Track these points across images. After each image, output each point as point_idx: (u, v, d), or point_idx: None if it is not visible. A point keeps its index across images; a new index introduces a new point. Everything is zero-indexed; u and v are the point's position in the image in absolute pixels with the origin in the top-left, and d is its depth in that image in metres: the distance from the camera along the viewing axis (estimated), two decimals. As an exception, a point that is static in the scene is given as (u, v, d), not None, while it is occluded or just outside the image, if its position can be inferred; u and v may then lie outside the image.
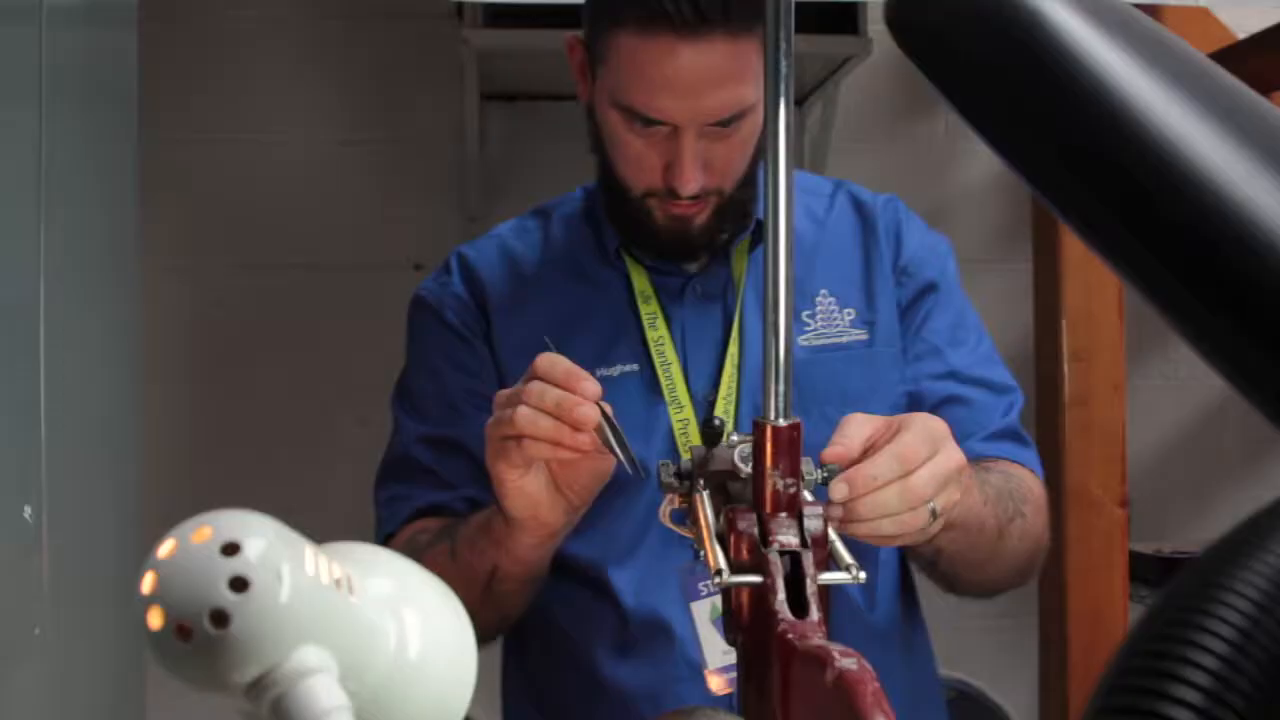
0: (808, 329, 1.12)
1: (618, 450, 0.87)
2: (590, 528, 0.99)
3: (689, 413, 1.09)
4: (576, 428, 0.86)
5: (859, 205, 1.21)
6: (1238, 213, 0.37)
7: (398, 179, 2.32)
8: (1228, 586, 0.29)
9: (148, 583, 0.38)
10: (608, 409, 0.87)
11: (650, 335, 1.11)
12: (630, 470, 0.87)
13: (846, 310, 1.15)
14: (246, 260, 2.30)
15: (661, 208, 1.09)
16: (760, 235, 1.15)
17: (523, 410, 0.87)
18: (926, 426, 0.86)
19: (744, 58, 1.02)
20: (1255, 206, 0.37)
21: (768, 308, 0.70)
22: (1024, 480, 1.12)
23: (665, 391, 1.10)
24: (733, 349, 1.11)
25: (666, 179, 1.06)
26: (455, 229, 2.30)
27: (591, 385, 0.87)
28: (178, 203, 2.27)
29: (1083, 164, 0.40)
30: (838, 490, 0.81)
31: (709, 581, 1.07)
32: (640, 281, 1.14)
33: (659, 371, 1.10)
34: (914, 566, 1.12)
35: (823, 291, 1.15)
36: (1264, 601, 0.29)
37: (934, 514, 0.85)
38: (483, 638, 0.50)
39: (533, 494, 0.91)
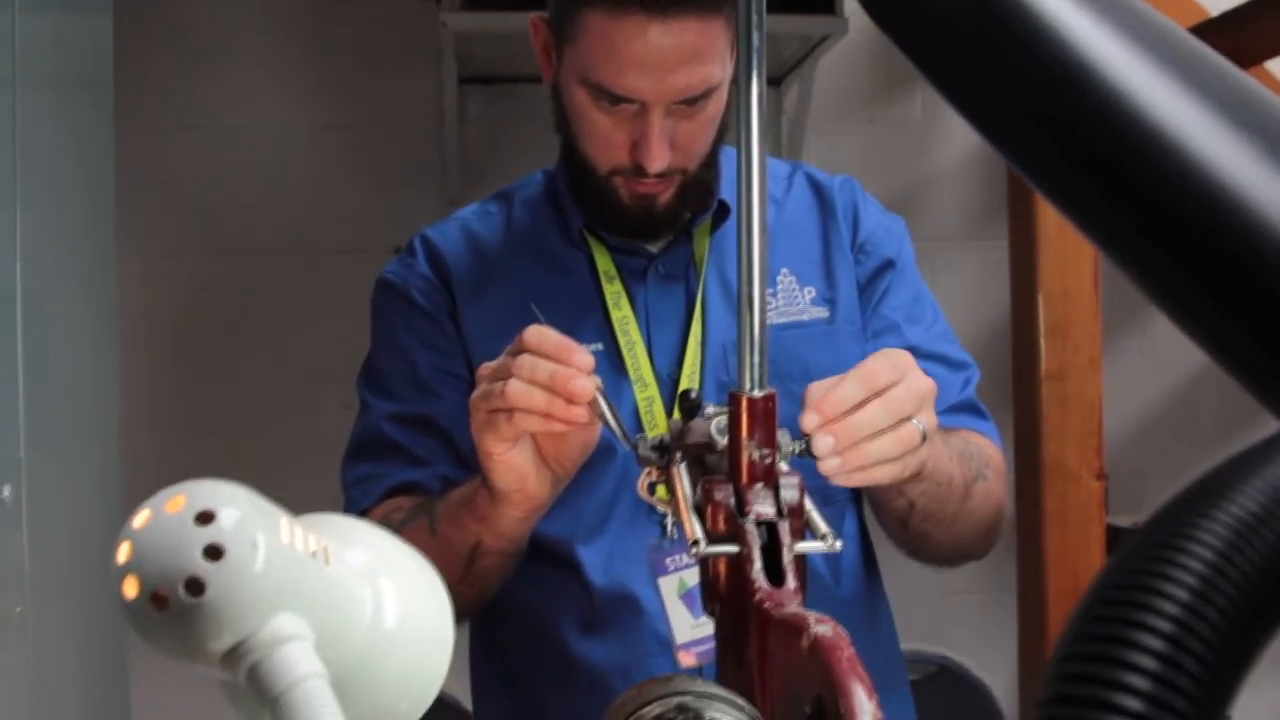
0: (770, 307, 1.14)
1: (613, 422, 0.87)
2: (557, 505, 1.00)
3: (654, 390, 1.10)
4: (571, 400, 0.86)
5: (816, 186, 1.22)
6: (1214, 183, 0.37)
7: (376, 163, 2.32)
8: (1180, 550, 0.30)
9: (123, 552, 0.39)
10: (599, 381, 0.88)
11: (614, 314, 1.12)
12: (624, 443, 0.87)
13: (807, 289, 1.16)
14: (227, 246, 2.29)
15: (627, 186, 1.10)
16: (721, 217, 1.16)
17: (514, 383, 0.87)
18: (888, 355, 0.88)
19: (711, 36, 1.03)
20: (1232, 175, 0.37)
21: (741, 280, 0.71)
22: (983, 447, 1.15)
23: (630, 370, 1.11)
24: (695, 328, 1.13)
25: (634, 156, 1.07)
26: (434, 212, 2.29)
27: (584, 357, 0.87)
28: (158, 189, 2.26)
29: (1045, 126, 0.40)
30: (808, 420, 0.81)
31: (676, 557, 1.09)
32: (604, 262, 1.15)
33: (624, 350, 1.11)
34: (885, 533, 1.13)
35: (783, 271, 1.16)
36: (1219, 559, 0.29)
37: (924, 435, 0.86)
38: (462, 614, 0.51)
39: (519, 467, 0.91)
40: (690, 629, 1.07)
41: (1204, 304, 0.38)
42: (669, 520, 1.08)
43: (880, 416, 0.84)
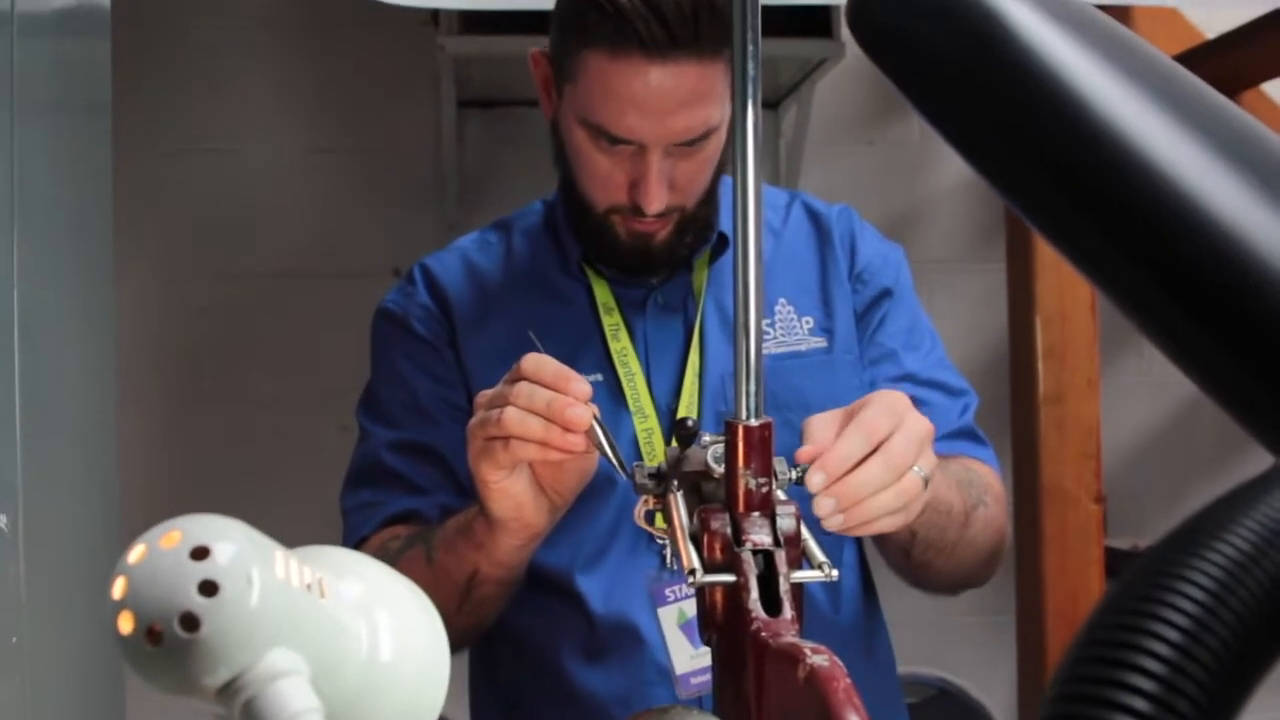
0: (768, 337, 1.13)
1: (609, 452, 0.87)
2: (557, 535, 1.00)
3: (653, 422, 1.10)
4: (568, 429, 0.85)
5: (814, 215, 1.22)
6: (1207, 217, 0.36)
7: (375, 186, 2.32)
8: (1175, 585, 0.29)
9: (118, 588, 0.39)
10: (595, 410, 0.87)
11: (613, 346, 1.12)
12: (620, 472, 0.87)
13: (805, 318, 1.16)
14: (227, 269, 2.29)
15: (624, 224, 1.10)
16: (720, 248, 1.16)
17: (511, 411, 0.86)
18: (885, 399, 0.87)
19: (712, 79, 1.03)
20: (1226, 209, 0.36)
21: (738, 308, 0.71)
22: (983, 474, 1.14)
23: (630, 401, 1.10)
24: (694, 358, 1.13)
25: (631, 196, 1.07)
26: (434, 235, 2.30)
27: (582, 386, 0.87)
28: (159, 213, 2.26)
29: (1036, 160, 0.40)
30: (814, 480, 0.81)
31: (676, 587, 1.08)
32: (602, 293, 1.15)
33: (623, 381, 1.11)
34: (886, 563, 1.13)
35: (781, 300, 1.16)
36: (1212, 598, 0.29)
37: (925, 481, 0.86)
38: (460, 643, 0.50)
39: (516, 495, 0.91)
40: (690, 659, 1.07)
41: (1198, 339, 0.37)
42: (668, 550, 1.08)
43: (881, 474, 0.83)
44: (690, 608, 1.07)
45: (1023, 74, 0.40)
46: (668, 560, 1.09)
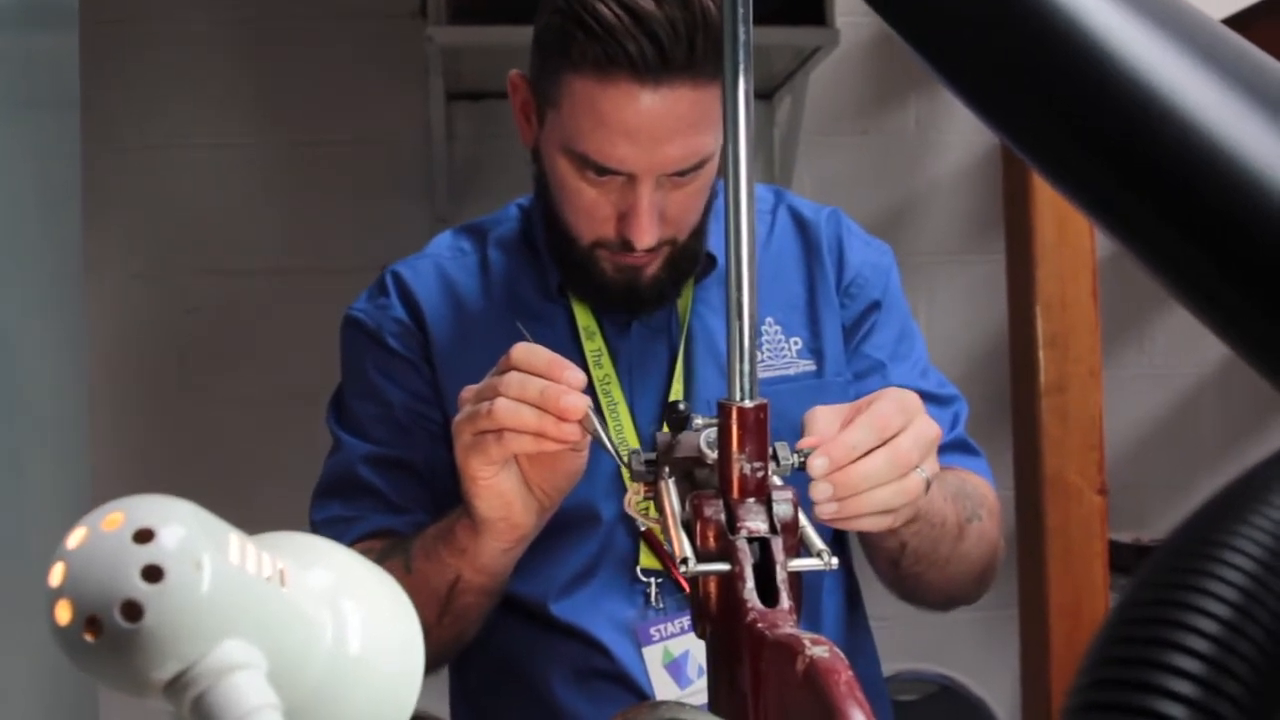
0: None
1: (605, 439, 0.84)
2: (531, 565, 0.97)
3: None
4: (562, 417, 0.82)
5: (800, 223, 1.17)
6: (1218, 149, 0.35)
7: (364, 180, 2.29)
8: (1209, 570, 0.27)
9: (56, 574, 0.36)
10: (589, 399, 0.85)
11: (595, 374, 1.07)
12: (617, 458, 0.84)
13: (793, 339, 1.12)
14: (215, 266, 2.27)
15: (611, 259, 1.04)
16: (706, 267, 1.11)
17: (502, 402, 0.83)
18: (897, 397, 0.84)
19: (706, 105, 0.97)
20: (1239, 146, 0.35)
21: (730, 286, 0.68)
22: (978, 486, 1.11)
23: (613, 431, 1.06)
24: (677, 386, 1.08)
25: (620, 230, 1.01)
26: (424, 230, 2.26)
27: (576, 374, 0.84)
28: (144, 210, 2.23)
29: (1052, 104, 0.38)
30: (816, 465, 0.78)
31: (661, 626, 1.05)
32: (584, 317, 1.10)
33: (605, 412, 1.06)
34: (876, 575, 1.09)
35: (768, 320, 1.11)
36: (1252, 582, 0.27)
37: (927, 484, 0.84)
38: (439, 657, 0.47)
39: (505, 493, 0.87)
40: (676, 698, 1.04)
41: (1231, 296, 0.35)
42: (653, 589, 1.05)
43: (885, 470, 0.81)
44: (675, 647, 1.05)
45: (1035, 14, 0.38)
46: (652, 598, 1.06)
